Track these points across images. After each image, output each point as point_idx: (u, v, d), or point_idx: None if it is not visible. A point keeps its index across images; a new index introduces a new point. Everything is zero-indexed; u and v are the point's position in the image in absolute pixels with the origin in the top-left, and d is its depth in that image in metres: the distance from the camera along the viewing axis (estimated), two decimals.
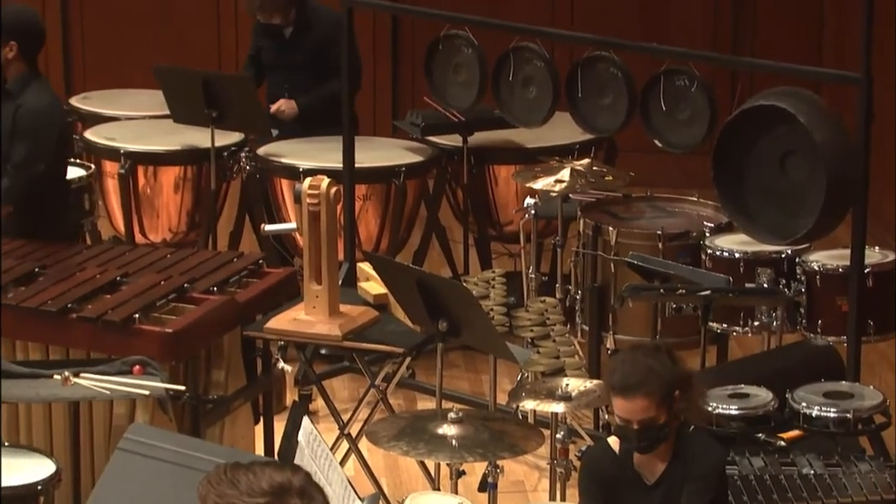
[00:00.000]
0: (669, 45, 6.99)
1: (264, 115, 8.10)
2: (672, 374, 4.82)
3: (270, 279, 6.51)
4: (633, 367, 4.84)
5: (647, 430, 4.80)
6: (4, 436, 5.84)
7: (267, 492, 3.29)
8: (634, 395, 4.78)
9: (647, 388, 4.78)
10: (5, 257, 6.53)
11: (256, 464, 3.36)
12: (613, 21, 9.54)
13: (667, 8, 10.01)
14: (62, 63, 10.51)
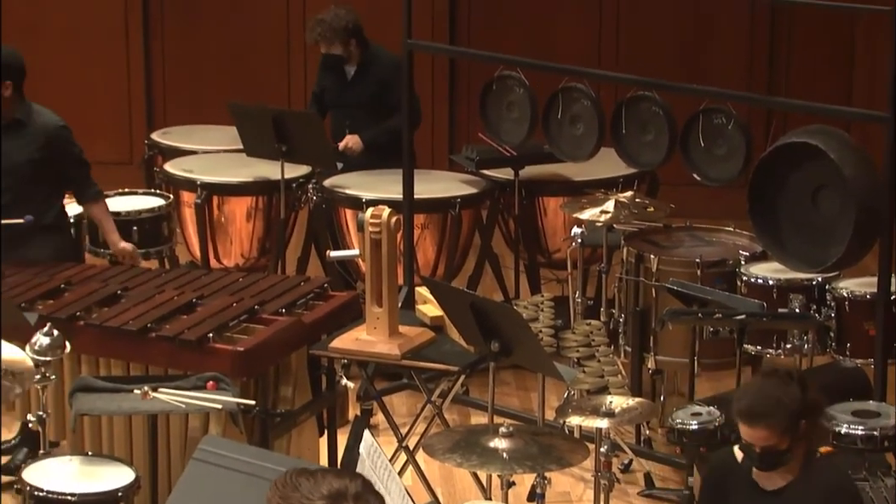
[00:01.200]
0: (708, 85, 6.98)
1: (330, 150, 8.13)
2: (799, 405, 4.71)
3: (335, 302, 6.52)
4: (760, 397, 4.74)
5: (768, 455, 4.73)
6: (88, 446, 5.88)
7: (325, 496, 3.30)
8: (757, 424, 4.70)
9: (771, 419, 4.69)
10: (90, 280, 6.58)
11: (320, 470, 3.37)
12: (656, 63, 9.52)
13: (706, 50, 9.99)
14: (144, 101, 10.57)
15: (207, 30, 10.49)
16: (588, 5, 10.13)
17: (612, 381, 6.16)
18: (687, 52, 9.99)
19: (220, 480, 4.47)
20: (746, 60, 10.02)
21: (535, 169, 8.04)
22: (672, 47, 10.00)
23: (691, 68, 9.66)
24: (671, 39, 10.03)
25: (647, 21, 10.04)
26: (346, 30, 8.20)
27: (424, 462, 6.36)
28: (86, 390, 5.71)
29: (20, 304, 6.19)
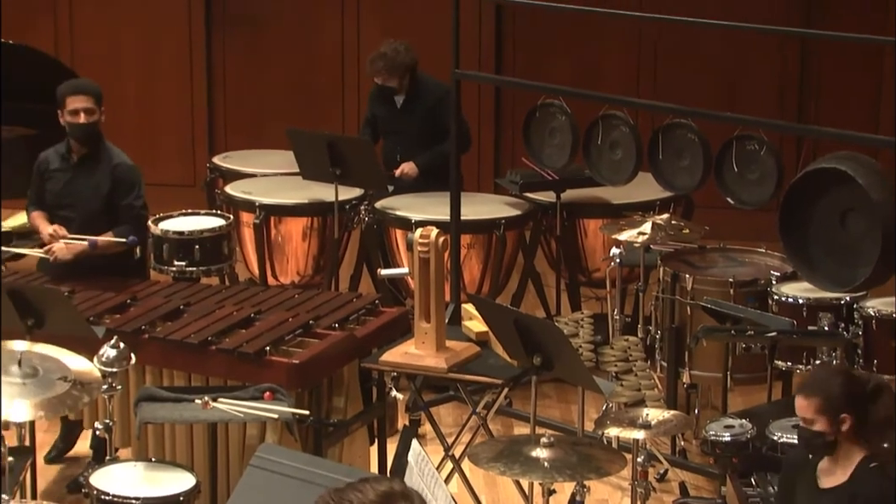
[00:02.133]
0: (741, 113, 6.96)
1: (381, 173, 8.14)
2: (845, 396, 4.71)
3: (385, 317, 6.53)
4: (817, 375, 4.91)
5: (805, 431, 4.76)
6: (152, 452, 5.90)
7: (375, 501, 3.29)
8: (800, 393, 4.78)
9: (810, 391, 4.74)
10: (154, 296, 6.61)
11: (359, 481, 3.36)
12: (691, 91, 9.50)
13: (739, 80, 9.97)
14: (207, 127, 10.63)
15: (266, 61, 10.54)
16: (627, 37, 10.12)
17: (648, 395, 6.15)
18: (721, 82, 9.97)
19: (275, 486, 4.48)
20: (778, 89, 9.99)
21: (576, 192, 8.04)
22: (707, 77, 9.98)
23: (725, 97, 9.64)
24: (706, 70, 10.01)
25: (683, 52, 10.02)
26: (405, 66, 8.24)
27: (469, 470, 6.36)
28: (150, 400, 5.73)
29: (89, 318, 6.22)
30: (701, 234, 7.29)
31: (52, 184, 6.87)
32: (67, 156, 6.84)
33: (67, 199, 6.82)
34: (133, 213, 6.82)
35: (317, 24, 10.47)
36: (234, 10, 10.53)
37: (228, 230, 7.89)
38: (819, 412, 4.71)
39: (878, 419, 4.75)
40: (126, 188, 6.80)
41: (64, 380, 5.35)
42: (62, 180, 6.84)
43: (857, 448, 4.75)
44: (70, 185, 6.82)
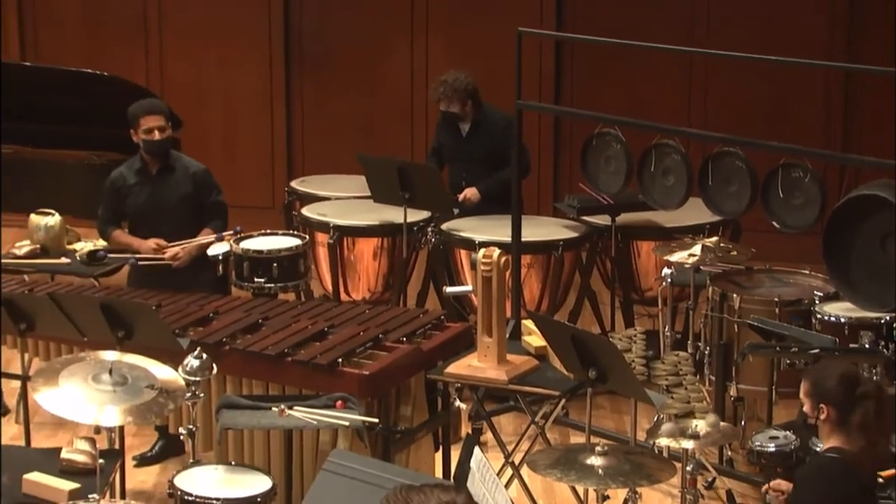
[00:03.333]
0: (787, 142, 6.91)
1: (447, 197, 8.16)
2: (830, 390, 4.79)
3: (450, 332, 6.53)
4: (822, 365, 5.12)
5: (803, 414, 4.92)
6: (232, 456, 5.92)
7: None
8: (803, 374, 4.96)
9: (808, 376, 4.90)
10: (235, 310, 6.64)
11: (427, 485, 3.35)
12: (740, 122, 9.45)
13: (786, 110, 9.91)
14: (285, 153, 10.70)
15: (340, 93, 10.59)
16: (679, 70, 10.10)
17: (697, 407, 6.10)
18: (768, 112, 9.91)
19: (346, 489, 4.48)
20: (822, 119, 9.93)
21: (630, 216, 8.02)
22: (754, 108, 9.93)
23: (772, 126, 9.58)
24: (754, 100, 9.96)
25: (731, 84, 9.98)
26: (466, 91, 8.25)
27: (528, 476, 6.34)
28: (230, 407, 5.76)
29: (174, 331, 6.26)
30: (748, 256, 7.25)
31: (133, 198, 6.95)
32: (144, 170, 6.92)
33: (153, 209, 6.91)
34: (221, 208, 7.05)
35: (387, 58, 10.51)
36: (310, 46, 10.60)
37: (304, 249, 7.91)
38: (806, 395, 4.84)
39: (854, 422, 4.78)
40: (208, 188, 6.99)
41: (151, 388, 5.38)
42: (143, 194, 6.93)
43: (834, 438, 4.80)
44: (154, 197, 6.93)
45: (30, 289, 6.89)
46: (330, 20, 10.55)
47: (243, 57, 10.61)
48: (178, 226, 6.93)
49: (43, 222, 8.24)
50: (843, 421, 4.77)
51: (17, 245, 8.28)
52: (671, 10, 10.09)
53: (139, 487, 6.75)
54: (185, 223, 6.94)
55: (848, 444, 4.78)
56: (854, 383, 4.81)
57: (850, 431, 4.77)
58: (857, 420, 4.76)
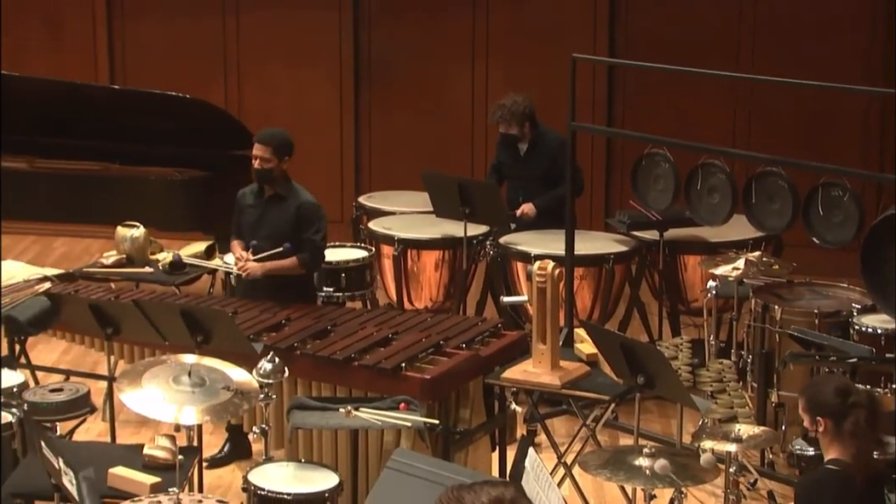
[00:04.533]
0: (827, 162, 6.87)
1: (505, 213, 8.15)
2: (824, 404, 4.75)
3: (506, 339, 6.52)
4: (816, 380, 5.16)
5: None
6: (302, 454, 5.94)
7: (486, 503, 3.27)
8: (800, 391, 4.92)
9: (803, 392, 4.86)
10: (306, 317, 6.66)
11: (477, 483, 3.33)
12: (782, 143, 9.39)
13: (826, 132, 9.83)
14: (353, 170, 10.74)
15: (405, 113, 10.62)
16: (724, 94, 10.05)
17: (740, 412, 6.07)
18: (809, 134, 9.84)
19: (408, 486, 4.49)
20: (861, 140, 9.84)
21: (677, 231, 7.98)
22: (796, 129, 9.87)
23: (813, 148, 9.50)
24: (795, 123, 9.90)
25: (774, 107, 9.92)
26: (523, 114, 8.24)
27: (580, 476, 6.32)
28: (300, 408, 5.78)
29: (249, 336, 6.29)
30: (789, 270, 7.20)
31: (247, 217, 6.98)
32: (260, 194, 6.95)
33: (259, 230, 6.92)
34: (313, 245, 6.88)
35: (449, 81, 10.53)
36: (378, 70, 10.63)
37: (371, 261, 7.95)
38: (804, 410, 4.80)
39: (846, 431, 4.73)
40: (308, 224, 6.86)
41: (227, 389, 5.40)
42: (255, 214, 6.95)
43: (832, 449, 4.75)
44: (262, 219, 6.92)
45: (116, 296, 6.94)
46: (396, 46, 10.58)
47: (315, 80, 10.67)
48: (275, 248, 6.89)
49: (128, 234, 8.31)
50: (838, 431, 4.73)
51: (104, 255, 8.36)
52: (717, 36, 10.05)
53: (215, 482, 6.79)
54: None
55: (844, 455, 4.73)
56: (847, 394, 4.76)
57: (843, 440, 4.73)
58: (849, 427, 4.71)
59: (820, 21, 9.85)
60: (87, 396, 6.36)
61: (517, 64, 10.33)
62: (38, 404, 6.18)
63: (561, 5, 10.26)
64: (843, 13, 9.78)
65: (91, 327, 6.34)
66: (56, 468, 4.66)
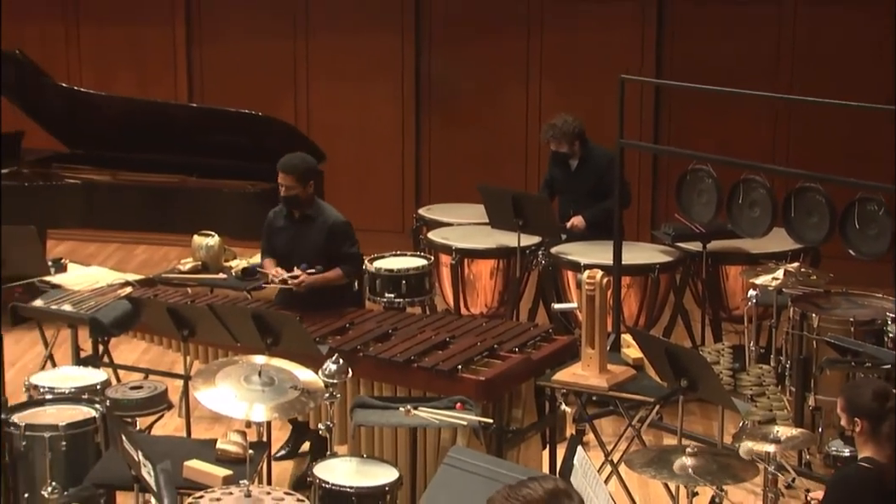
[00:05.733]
0: (863, 178, 6.80)
1: (557, 225, 8.14)
2: (863, 405, 4.71)
3: (557, 343, 6.50)
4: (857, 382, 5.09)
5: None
6: (363, 450, 5.95)
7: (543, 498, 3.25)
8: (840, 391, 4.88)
9: (842, 392, 4.82)
10: (368, 321, 6.67)
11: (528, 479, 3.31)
12: (820, 159, 9.32)
13: (863, 149, 9.72)
14: (414, 183, 10.75)
15: (462, 130, 10.63)
16: (765, 113, 9.99)
17: (778, 415, 6.02)
18: (846, 150, 9.75)
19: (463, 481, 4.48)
20: None
21: (720, 243, 7.93)
22: (833, 147, 9.78)
23: (849, 164, 9.41)
24: (833, 140, 9.81)
25: (812, 126, 9.85)
26: (573, 133, 8.23)
27: (625, 473, 6.29)
28: (363, 407, 5.79)
29: (315, 339, 6.30)
30: (826, 281, 7.14)
31: (278, 239, 6.91)
32: (290, 216, 6.90)
33: (290, 252, 6.85)
34: (350, 257, 6.87)
35: (504, 100, 10.53)
36: (438, 89, 10.65)
37: (430, 269, 7.95)
38: (842, 410, 4.76)
39: (883, 434, 4.69)
40: (341, 240, 6.82)
41: (294, 388, 5.42)
42: (286, 236, 6.89)
43: (867, 448, 4.70)
44: (293, 241, 6.84)
45: (192, 300, 6.98)
46: (455, 67, 10.60)
47: (378, 99, 10.70)
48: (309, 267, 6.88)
49: (204, 242, 8.37)
50: (875, 432, 4.68)
51: (181, 262, 8.41)
52: (758, 59, 9.99)
53: (283, 475, 6.81)
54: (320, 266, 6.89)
55: (879, 455, 4.69)
56: (885, 398, 4.72)
57: (880, 442, 4.68)
58: (887, 430, 4.67)
59: (854, 43, 9.76)
60: (164, 394, 6.39)
61: (569, 84, 10.31)
62: (119, 401, 6.22)
63: (611, 29, 10.23)
64: (878, 35, 9.68)
65: (169, 329, 6.38)
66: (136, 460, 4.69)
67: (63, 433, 5.66)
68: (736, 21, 10.06)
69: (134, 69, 11.03)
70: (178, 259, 8.74)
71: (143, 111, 9.44)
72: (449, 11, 10.55)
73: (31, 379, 6.26)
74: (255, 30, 10.84)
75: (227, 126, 9.25)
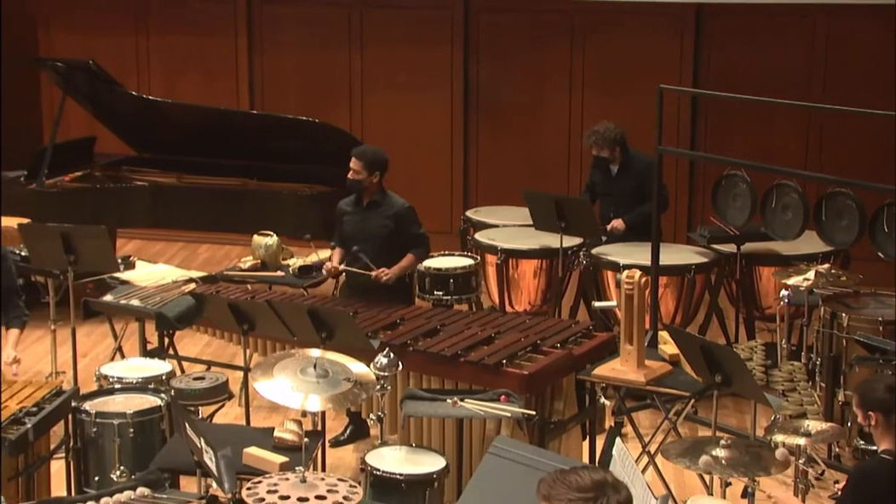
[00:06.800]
0: (891, 184, 6.73)
1: (598, 227, 8.10)
2: (876, 400, 4.68)
3: (597, 340, 6.48)
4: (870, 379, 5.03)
5: None
6: (413, 439, 5.95)
7: (591, 487, 3.24)
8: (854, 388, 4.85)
9: (856, 389, 4.81)
10: (418, 318, 6.67)
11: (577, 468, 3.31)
12: (851, 164, 9.23)
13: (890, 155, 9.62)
14: (462, 188, 10.75)
15: (508, 137, 10.62)
16: (798, 121, 9.92)
17: (809, 409, 5.96)
18: (875, 157, 9.64)
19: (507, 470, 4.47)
20: None
21: (753, 245, 7.87)
22: (863, 153, 9.69)
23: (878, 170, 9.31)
24: (862, 147, 9.72)
25: (843, 133, 9.76)
26: (614, 139, 8.21)
27: (661, 464, 6.26)
28: (412, 398, 5.79)
29: (367, 333, 6.31)
30: (856, 282, 7.07)
31: (348, 225, 7.07)
32: (358, 202, 7.03)
33: (361, 235, 7.00)
34: (420, 238, 7.08)
35: (548, 108, 10.51)
36: (485, 99, 10.65)
37: (476, 268, 7.95)
38: (858, 406, 4.75)
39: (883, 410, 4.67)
40: (409, 223, 7.02)
41: (347, 380, 5.43)
42: (354, 222, 7.03)
43: (885, 441, 4.67)
44: (361, 224, 7.02)
45: (252, 296, 7.02)
46: (501, 78, 10.59)
47: (429, 107, 10.71)
48: (378, 251, 6.96)
49: (263, 242, 8.40)
50: (888, 424, 4.65)
51: (242, 260, 8.46)
52: (792, 68, 9.92)
53: (336, 463, 6.83)
54: (384, 249, 6.97)
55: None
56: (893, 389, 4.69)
57: (894, 433, 4.64)
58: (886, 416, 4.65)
59: (881, 54, 9.66)
60: (225, 384, 6.43)
61: (610, 94, 10.28)
62: (183, 390, 6.26)
63: (650, 41, 10.19)
64: None
65: (230, 324, 6.41)
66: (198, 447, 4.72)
67: (131, 420, 5.70)
68: (769, 33, 9.99)
69: (199, 78, 11.11)
70: (238, 257, 8.78)
71: (207, 118, 9.49)
72: (496, 24, 10.54)
73: (101, 369, 6.31)
74: (312, 41, 10.88)
75: (286, 132, 9.29)
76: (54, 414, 5.60)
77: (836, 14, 9.83)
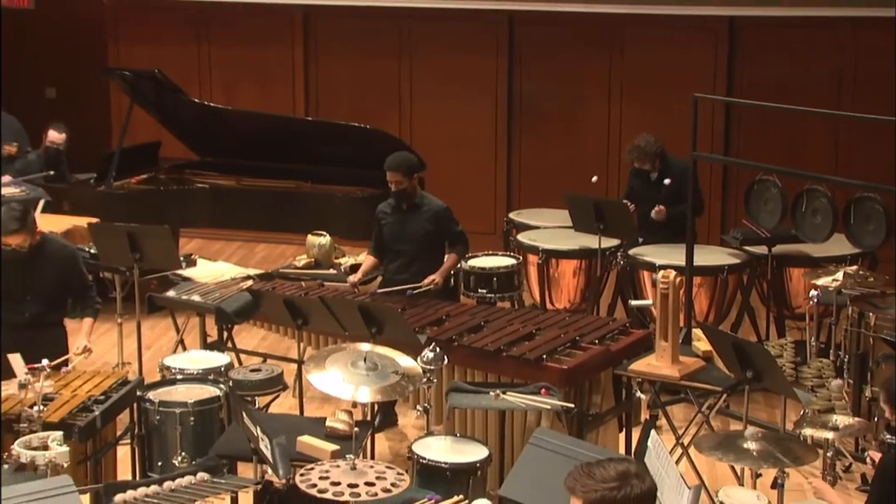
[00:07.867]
0: None
1: (634, 229, 8.07)
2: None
3: (633, 336, 6.45)
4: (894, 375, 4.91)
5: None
6: (457, 429, 5.95)
7: (615, 477, 3.23)
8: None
9: (882, 386, 4.81)
10: (463, 314, 6.66)
11: (602, 461, 3.30)
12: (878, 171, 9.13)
13: None
14: (505, 190, 10.74)
15: (550, 143, 10.60)
16: (827, 128, 9.84)
17: (837, 405, 5.92)
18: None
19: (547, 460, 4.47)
20: None
21: (784, 247, 7.81)
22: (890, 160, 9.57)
23: None
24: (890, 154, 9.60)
25: (871, 140, 9.66)
26: (654, 153, 8.18)
27: (694, 455, 6.22)
28: (457, 391, 5.79)
29: (415, 329, 6.32)
30: (883, 283, 7.00)
31: (388, 228, 7.08)
32: (397, 206, 7.04)
33: (402, 236, 7.02)
34: (462, 237, 7.09)
35: (588, 116, 10.48)
36: (528, 106, 10.64)
37: (518, 268, 7.93)
38: (885, 402, 4.74)
39: None
40: (447, 223, 7.03)
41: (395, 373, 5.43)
42: (394, 225, 7.04)
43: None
44: (402, 227, 7.02)
45: (305, 293, 7.04)
46: (544, 86, 10.57)
47: (474, 114, 10.71)
48: (418, 251, 6.98)
49: (317, 241, 8.43)
50: None
51: (296, 258, 8.49)
52: (822, 77, 9.84)
53: (385, 451, 6.84)
54: (424, 249, 6.99)
55: None
56: None
57: None
58: None
59: None
60: (280, 376, 6.45)
61: (646, 102, 10.24)
62: (240, 381, 6.30)
63: (686, 52, 10.14)
64: None
65: (285, 319, 6.44)
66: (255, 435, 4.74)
67: (191, 409, 5.74)
68: (800, 44, 9.91)
69: (257, 86, 11.17)
70: (293, 256, 8.81)
71: (265, 124, 9.54)
72: (538, 36, 10.53)
73: (164, 361, 6.36)
74: (364, 51, 10.91)
75: (339, 137, 9.32)
76: (120, 402, 5.66)
77: (862, 26, 9.74)
